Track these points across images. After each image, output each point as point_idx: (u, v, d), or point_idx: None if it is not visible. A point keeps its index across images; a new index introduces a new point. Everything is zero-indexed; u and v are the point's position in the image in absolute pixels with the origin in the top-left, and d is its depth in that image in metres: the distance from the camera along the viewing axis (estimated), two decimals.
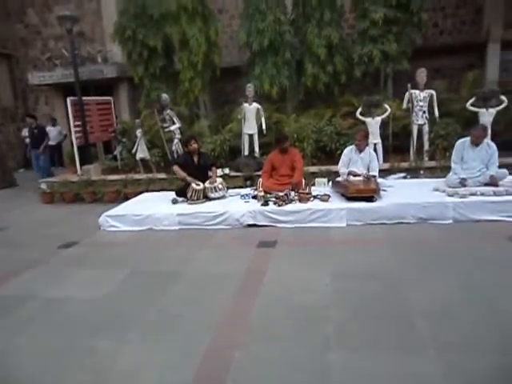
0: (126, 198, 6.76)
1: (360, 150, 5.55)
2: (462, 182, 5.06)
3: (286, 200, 5.07)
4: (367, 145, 5.72)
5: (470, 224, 4.50)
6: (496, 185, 4.92)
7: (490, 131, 6.49)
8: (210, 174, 5.83)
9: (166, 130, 7.91)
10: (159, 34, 9.03)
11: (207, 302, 3.06)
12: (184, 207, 5.40)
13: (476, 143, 5.15)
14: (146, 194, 6.69)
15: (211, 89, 9.98)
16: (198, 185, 5.53)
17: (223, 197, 5.71)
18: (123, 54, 9.82)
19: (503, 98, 6.62)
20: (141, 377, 2.23)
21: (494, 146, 5.19)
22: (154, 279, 3.58)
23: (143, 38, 9.00)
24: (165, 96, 7.93)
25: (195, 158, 5.78)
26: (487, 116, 6.65)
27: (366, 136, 5.73)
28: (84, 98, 8.58)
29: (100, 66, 11.57)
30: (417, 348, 2.31)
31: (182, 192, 5.65)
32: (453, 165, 5.33)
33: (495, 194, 4.71)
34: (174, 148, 7.88)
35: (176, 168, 5.75)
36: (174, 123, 7.87)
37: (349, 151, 5.67)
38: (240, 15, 9.32)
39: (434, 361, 2.18)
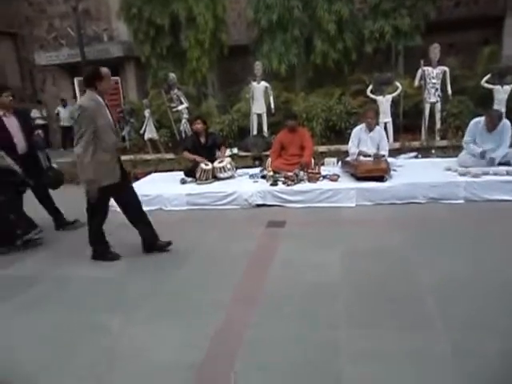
0: (136, 178, 6.77)
1: (370, 128, 5.46)
2: (483, 154, 4.91)
3: (295, 180, 5.05)
4: (377, 123, 5.61)
5: (481, 204, 4.44)
6: (509, 164, 4.82)
7: (505, 108, 6.33)
8: (217, 153, 5.81)
9: (174, 109, 7.86)
10: (165, 11, 8.85)
11: (218, 282, 3.10)
12: (193, 187, 5.41)
13: (490, 129, 4.99)
14: (155, 175, 6.71)
15: (219, 68, 9.84)
16: (206, 165, 5.52)
17: (232, 177, 5.70)
18: (129, 33, 9.68)
19: None
20: (153, 354, 2.27)
21: (508, 124, 4.97)
22: (165, 258, 3.62)
23: (149, 16, 8.84)
24: (172, 75, 7.85)
25: (202, 139, 5.74)
26: (502, 93, 6.47)
27: (377, 114, 5.61)
28: None
29: (106, 45, 11.44)
30: (426, 326, 2.32)
31: (191, 172, 5.65)
32: (465, 145, 5.19)
33: (508, 173, 4.62)
34: (181, 128, 7.85)
35: (185, 153, 5.75)
36: (181, 103, 7.81)
37: (358, 131, 5.57)
38: None
39: (443, 339, 2.19)
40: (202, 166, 5.49)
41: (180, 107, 7.79)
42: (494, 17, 9.47)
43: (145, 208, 5.29)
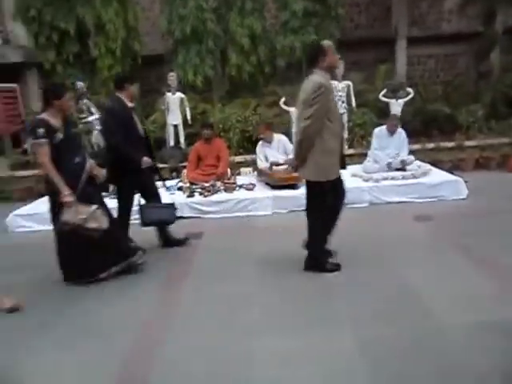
0: (41, 195, 6.17)
1: (269, 141, 5.66)
2: (389, 166, 5.44)
3: (212, 190, 5.04)
4: (272, 133, 5.76)
5: (383, 206, 4.88)
6: (404, 169, 5.39)
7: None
8: None
9: (83, 121, 7.36)
10: (70, 16, 8.30)
11: (131, 296, 2.96)
12: (107, 202, 5.08)
13: (392, 132, 5.58)
14: None
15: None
16: None
17: None
18: (29, 37, 8.89)
19: (409, 89, 7.25)
20: None
21: (404, 133, 5.68)
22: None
23: (51, 20, 8.21)
24: (80, 84, 7.36)
25: None
26: (396, 106, 7.22)
27: (267, 127, 5.85)
28: None
29: (1, 49, 10.33)
30: (336, 325, 2.46)
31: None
32: (375, 152, 5.65)
33: (403, 177, 5.16)
34: (94, 140, 7.35)
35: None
36: (91, 114, 7.35)
37: (260, 147, 5.74)
38: (160, 0, 8.96)
39: (352, 336, 2.33)
40: None
41: (90, 118, 7.32)
42: (388, 39, 10.60)
43: (50, 227, 4.88)
